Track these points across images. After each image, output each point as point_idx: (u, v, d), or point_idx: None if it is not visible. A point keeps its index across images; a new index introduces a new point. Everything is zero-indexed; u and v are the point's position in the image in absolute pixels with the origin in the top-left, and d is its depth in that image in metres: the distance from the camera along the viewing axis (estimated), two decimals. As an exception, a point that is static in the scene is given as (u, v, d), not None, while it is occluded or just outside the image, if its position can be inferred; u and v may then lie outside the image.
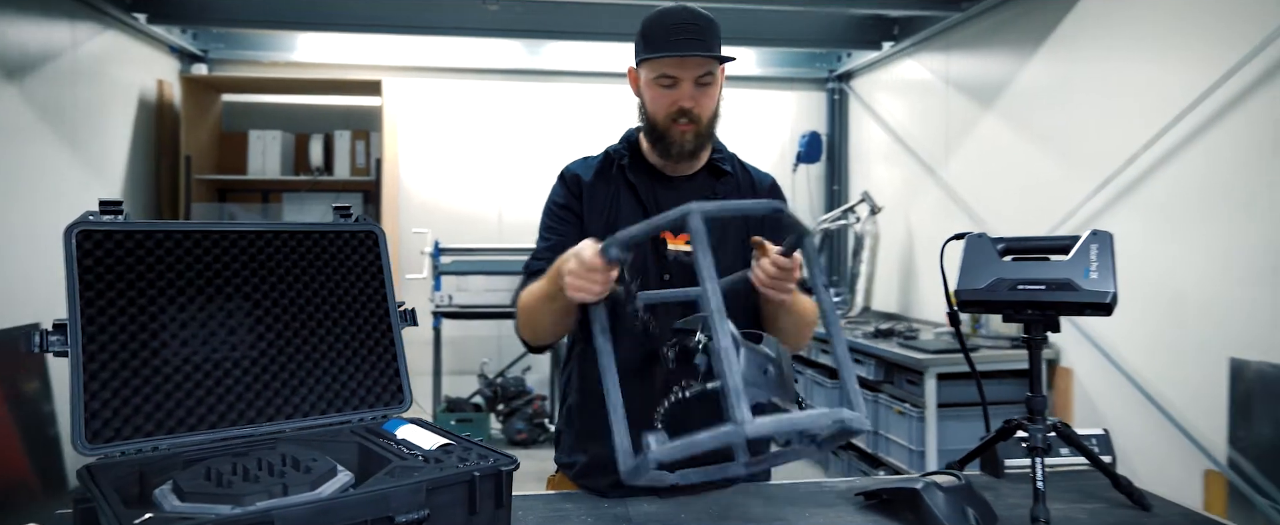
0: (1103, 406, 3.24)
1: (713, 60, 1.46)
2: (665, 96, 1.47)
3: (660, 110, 1.48)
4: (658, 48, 1.43)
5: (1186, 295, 2.82)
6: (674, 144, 1.49)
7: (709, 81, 1.46)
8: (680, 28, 1.43)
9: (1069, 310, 1.17)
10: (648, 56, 1.45)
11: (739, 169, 1.62)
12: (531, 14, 4.38)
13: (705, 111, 1.48)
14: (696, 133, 1.49)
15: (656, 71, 1.46)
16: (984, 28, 4.01)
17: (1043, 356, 1.23)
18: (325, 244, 1.38)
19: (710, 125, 1.51)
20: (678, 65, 1.44)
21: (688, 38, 1.41)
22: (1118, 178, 3.11)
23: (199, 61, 5.03)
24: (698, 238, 1.00)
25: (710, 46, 1.43)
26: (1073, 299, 1.15)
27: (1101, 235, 1.19)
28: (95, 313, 1.15)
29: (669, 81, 1.45)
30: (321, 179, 4.93)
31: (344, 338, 1.35)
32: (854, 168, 5.57)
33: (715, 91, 1.50)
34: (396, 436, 1.23)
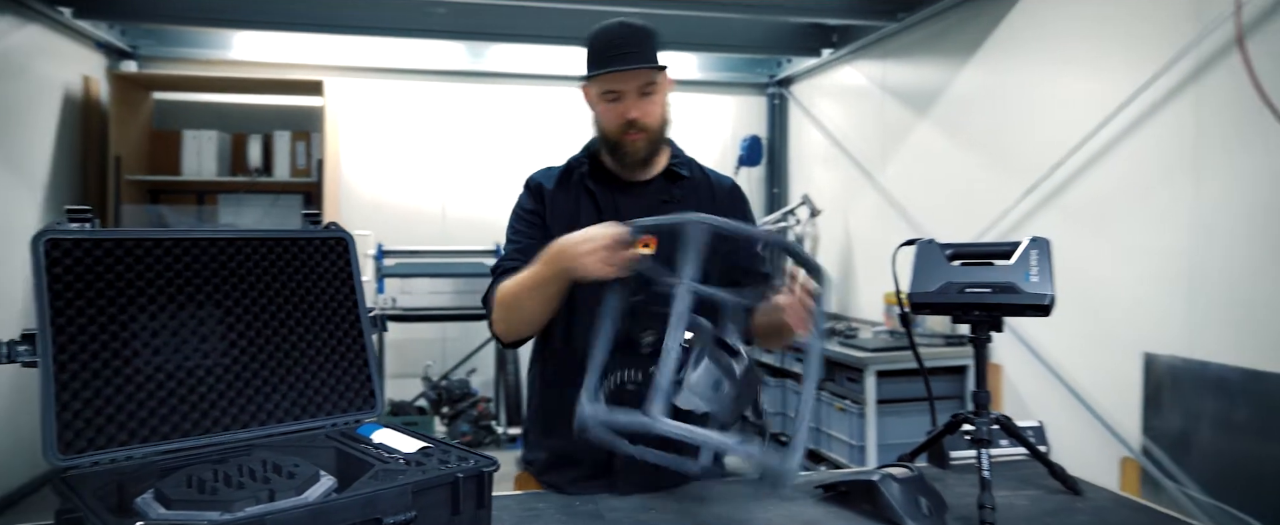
0: (1029, 399, 3.42)
1: (650, 70, 1.53)
2: (613, 110, 1.55)
3: (610, 123, 1.56)
4: (598, 65, 1.52)
5: (1105, 294, 3.01)
6: (627, 153, 1.57)
7: (651, 91, 1.55)
8: (617, 44, 1.52)
9: (1012, 311, 1.26)
10: (590, 75, 1.55)
11: (697, 172, 1.68)
12: (477, 17, 4.37)
13: (652, 119, 1.56)
14: (648, 140, 1.57)
15: (602, 87, 1.55)
16: (919, 37, 4.17)
17: (986, 355, 1.32)
18: (295, 251, 1.38)
19: (660, 131, 1.59)
20: (618, 79, 1.52)
21: (623, 53, 1.50)
22: (1044, 183, 3.29)
23: (128, 58, 4.85)
24: (692, 244, 1.07)
25: (646, 58, 1.52)
26: (1015, 301, 1.24)
27: (1040, 241, 1.28)
28: (65, 322, 1.13)
29: (614, 95, 1.54)
30: (260, 180, 4.82)
31: (315, 344, 1.36)
32: (794, 171, 5.71)
33: (660, 98, 1.58)
34: (373, 441, 1.25)
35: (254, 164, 4.80)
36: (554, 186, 1.63)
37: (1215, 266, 2.61)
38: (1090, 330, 3.08)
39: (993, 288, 1.26)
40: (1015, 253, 1.28)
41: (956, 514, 1.31)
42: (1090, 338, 3.08)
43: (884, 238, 4.50)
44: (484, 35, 4.61)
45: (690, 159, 1.70)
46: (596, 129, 1.61)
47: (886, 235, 4.46)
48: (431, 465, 1.14)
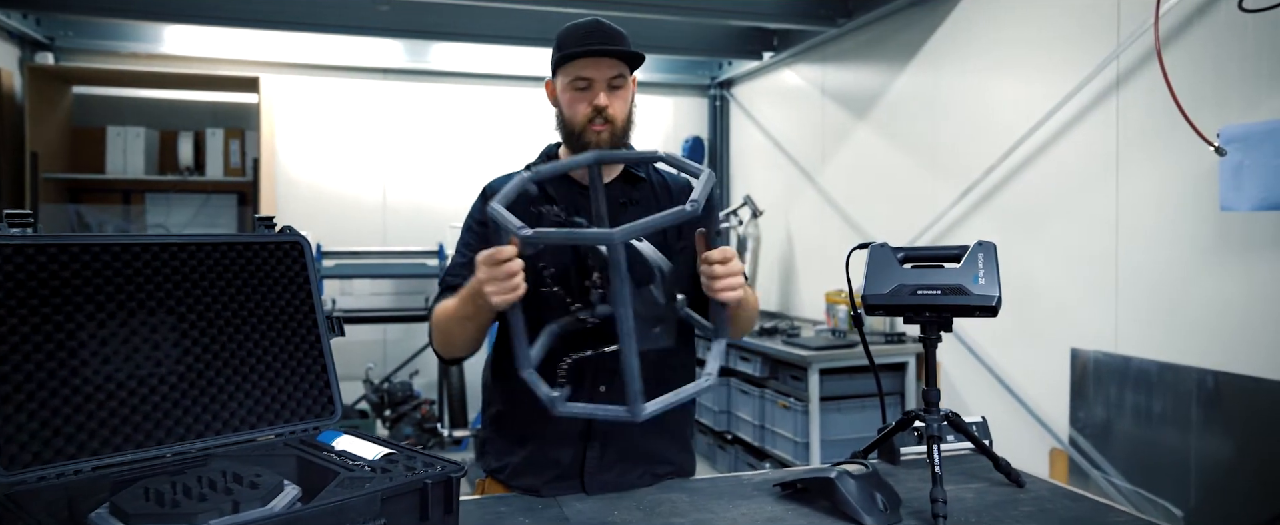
0: (966, 394, 3.55)
1: (623, 63, 1.55)
2: (581, 99, 1.55)
3: (577, 113, 1.56)
4: (571, 51, 1.53)
5: (1036, 293, 3.14)
6: (589, 144, 1.56)
7: (621, 84, 1.56)
8: (591, 34, 1.54)
9: (961, 312, 1.32)
10: (562, 57, 1.54)
11: (654, 172, 1.70)
12: (421, 15, 4.31)
13: (619, 114, 1.57)
14: (612, 133, 1.56)
15: (571, 75, 1.55)
16: (858, 42, 4.28)
17: (936, 354, 1.38)
18: (249, 255, 1.35)
19: (624, 129, 1.60)
20: (592, 66, 1.53)
21: (599, 40, 1.53)
22: (978, 186, 3.41)
23: (44, 49, 4.62)
24: (616, 268, 1.08)
25: (620, 49, 1.54)
26: (964, 302, 1.30)
27: (986, 245, 1.34)
28: (6, 332, 1.09)
29: (583, 83, 1.54)
30: (191, 179, 4.65)
31: (272, 350, 1.34)
32: (736, 172, 5.79)
33: (626, 96, 1.59)
34: (335, 448, 1.23)
35: (185, 162, 4.62)
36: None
37: (1137, 266, 2.75)
38: (1022, 327, 3.21)
39: (943, 290, 1.31)
40: (963, 256, 1.34)
41: (909, 508, 1.36)
42: (1022, 335, 3.22)
43: (824, 238, 4.60)
44: (427, 34, 4.54)
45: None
46: (559, 124, 1.61)
47: (827, 236, 4.57)
48: (397, 472, 1.13)
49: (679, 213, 1.11)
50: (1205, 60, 2.49)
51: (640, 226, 1.09)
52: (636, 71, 1.62)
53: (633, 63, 1.58)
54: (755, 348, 4.04)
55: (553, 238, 1.19)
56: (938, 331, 1.36)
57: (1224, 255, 2.47)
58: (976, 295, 1.29)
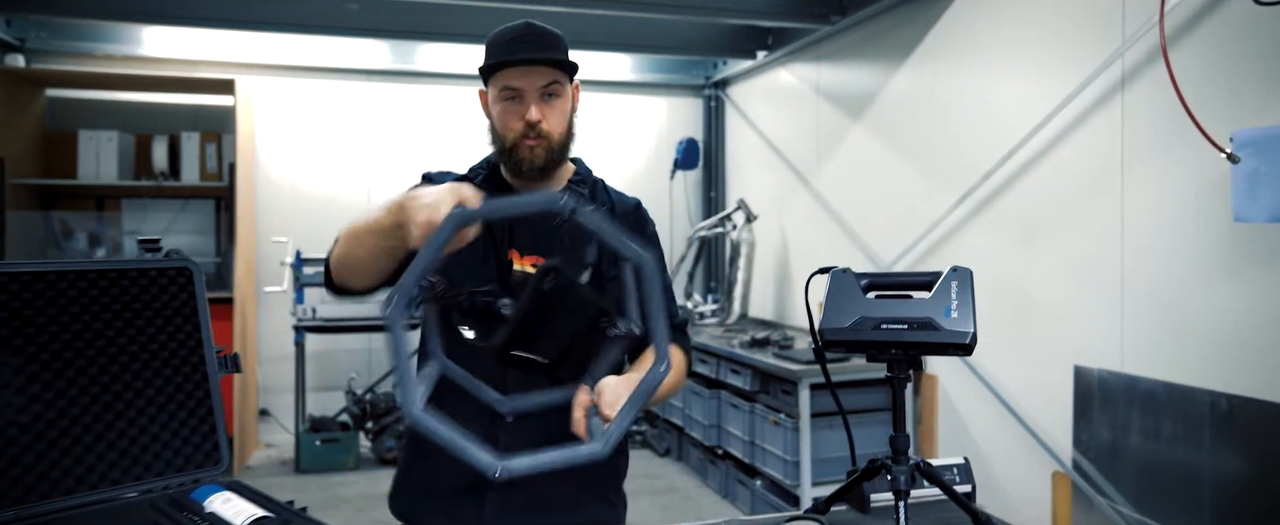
0: (963, 411, 3.37)
1: (557, 70, 1.38)
2: (511, 111, 1.39)
3: (507, 126, 1.40)
4: (499, 58, 1.37)
5: (1037, 305, 2.96)
6: (522, 161, 1.40)
7: (556, 93, 1.40)
8: (521, 39, 1.38)
9: (931, 350, 1.15)
10: (491, 67, 1.39)
11: (601, 192, 1.55)
12: (392, 14, 4.16)
13: (554, 127, 1.40)
14: (547, 149, 1.40)
15: (500, 84, 1.39)
16: (853, 40, 4.10)
17: (905, 397, 1.21)
18: (126, 285, 1.19)
19: (562, 142, 1.43)
20: (521, 76, 1.37)
21: (529, 46, 1.36)
22: (976, 191, 3.23)
23: (14, 51, 4.50)
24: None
25: (551, 54, 1.37)
26: (934, 339, 1.13)
27: (961, 272, 1.17)
28: None
29: (512, 94, 1.38)
30: (167, 184, 4.52)
31: (147, 393, 1.18)
32: (731, 174, 5.62)
33: (564, 106, 1.42)
34: (205, 509, 1.07)
35: (160, 167, 4.49)
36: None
37: (1144, 279, 2.56)
38: (1022, 342, 3.03)
39: (910, 323, 1.14)
40: (935, 284, 1.17)
41: (873, 570, 1.19)
42: (1022, 350, 3.04)
43: (819, 243, 4.43)
44: (400, 33, 4.40)
45: (596, 179, 1.56)
46: (492, 137, 1.45)
47: (822, 241, 4.39)
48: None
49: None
50: (1216, 59, 2.31)
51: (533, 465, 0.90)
52: (578, 77, 1.45)
53: (569, 69, 1.41)
54: (745, 360, 3.87)
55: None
56: (906, 370, 1.19)
57: (1237, 269, 2.28)
58: (948, 330, 1.12)
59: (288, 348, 4.65)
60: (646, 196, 5.35)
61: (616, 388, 1.13)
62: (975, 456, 3.24)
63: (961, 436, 3.36)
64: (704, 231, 5.12)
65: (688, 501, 4.19)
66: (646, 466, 4.72)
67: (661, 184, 5.52)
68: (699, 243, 5.23)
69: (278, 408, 4.99)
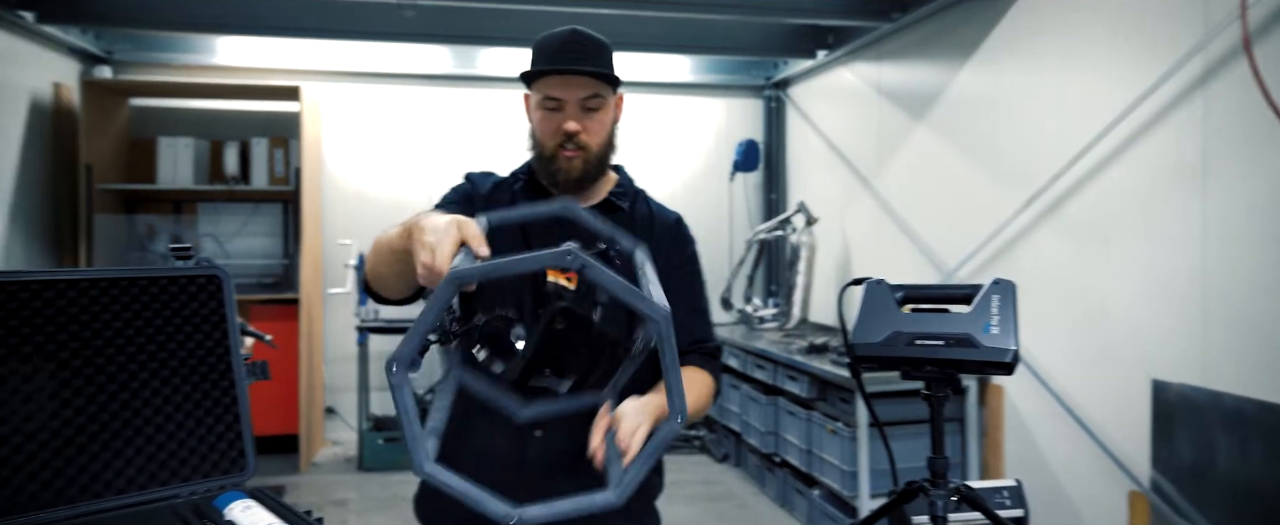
0: (1032, 424, 3.21)
1: (599, 81, 1.35)
2: (550, 120, 1.37)
3: (546, 135, 1.38)
4: (541, 66, 1.35)
5: (1110, 314, 2.79)
6: (559, 171, 1.38)
7: (597, 105, 1.37)
8: (565, 48, 1.35)
9: (968, 368, 1.08)
10: (530, 73, 1.37)
11: (641, 204, 1.50)
12: (448, 19, 4.22)
13: (593, 138, 1.38)
14: (585, 161, 1.38)
15: (542, 93, 1.37)
16: (915, 38, 3.97)
17: (944, 415, 1.14)
18: (156, 292, 1.21)
19: (601, 154, 1.41)
20: (562, 86, 1.35)
21: (572, 56, 1.33)
22: (1045, 193, 3.07)
23: (103, 64, 4.73)
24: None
25: (595, 66, 1.34)
26: (972, 357, 1.06)
27: (1003, 285, 1.09)
28: None
29: (553, 104, 1.36)
30: (238, 189, 4.68)
31: (175, 399, 1.19)
32: (792, 176, 5.51)
33: (605, 118, 1.39)
34: (223, 516, 1.08)
35: (231, 172, 4.66)
36: (489, 191, 1.47)
37: (1227, 287, 2.39)
38: (1094, 353, 2.86)
39: (947, 340, 1.07)
40: (975, 298, 1.09)
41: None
42: (1094, 361, 2.87)
43: (881, 247, 4.30)
44: (456, 38, 4.45)
45: (638, 191, 1.52)
46: (531, 141, 1.43)
47: (884, 245, 4.26)
48: (270, 556, 0.97)
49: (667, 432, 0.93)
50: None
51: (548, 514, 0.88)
52: (629, 83, 1.42)
53: (613, 82, 1.38)
54: (803, 366, 3.78)
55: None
56: (943, 389, 1.12)
57: (1334, 279, 2.10)
58: (987, 348, 1.05)
59: (352, 348, 4.76)
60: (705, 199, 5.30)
61: (636, 415, 1.11)
62: (1044, 474, 3.08)
63: (1029, 451, 3.21)
64: (764, 234, 5.04)
65: (744, 509, 4.12)
66: (704, 472, 4.67)
67: (720, 186, 5.45)
68: (758, 245, 5.15)
69: (343, 406, 5.12)
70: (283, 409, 4.53)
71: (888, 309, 1.14)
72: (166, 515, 1.09)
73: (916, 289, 1.14)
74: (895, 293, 1.15)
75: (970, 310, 1.09)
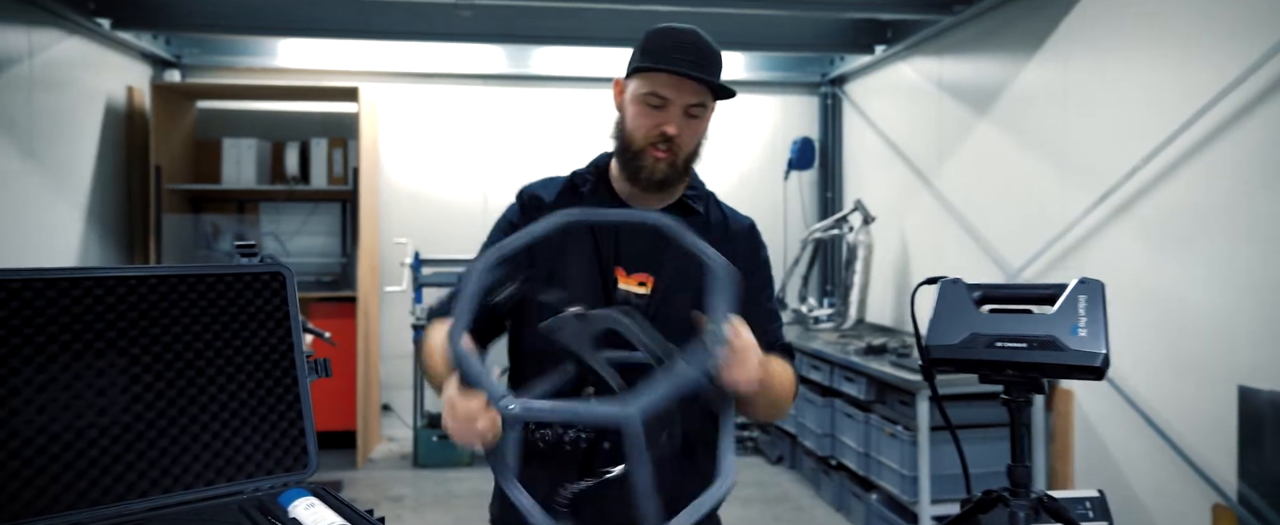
0: (1104, 432, 3.08)
1: (709, 92, 1.32)
2: (650, 117, 1.32)
3: (640, 130, 1.33)
4: (657, 62, 1.29)
5: (1192, 318, 2.66)
6: (644, 169, 1.34)
7: (699, 113, 1.33)
8: (685, 49, 1.30)
9: (1054, 372, 1.02)
10: (644, 67, 1.31)
11: (714, 208, 1.46)
12: (504, 19, 4.23)
13: (687, 144, 1.34)
14: (671, 163, 1.34)
15: (647, 87, 1.31)
16: (978, 31, 3.85)
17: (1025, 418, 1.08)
18: (222, 288, 1.23)
19: (688, 160, 1.37)
20: (673, 86, 1.30)
21: (691, 60, 1.28)
22: (1118, 191, 2.95)
23: (172, 67, 4.88)
24: (633, 443, 0.84)
25: (713, 75, 1.30)
26: (1058, 361, 1.00)
27: (1091, 284, 1.03)
28: (-70, 379, 1.00)
29: (658, 102, 1.31)
30: (298, 189, 4.78)
31: (240, 395, 1.20)
32: (848, 174, 5.41)
33: (702, 127, 1.36)
34: (287, 514, 1.08)
35: (292, 172, 4.76)
36: (553, 203, 1.42)
37: (1322, 290, 2.25)
38: (1175, 358, 2.73)
39: (1030, 342, 1.01)
40: (1059, 298, 1.03)
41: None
42: (1175, 367, 2.74)
43: (941, 247, 4.18)
44: (511, 37, 4.47)
45: (709, 193, 1.48)
46: (617, 134, 1.38)
47: (944, 244, 4.15)
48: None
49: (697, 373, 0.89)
50: None
51: (661, 397, 0.85)
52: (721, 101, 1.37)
53: (720, 94, 1.34)
54: (860, 368, 3.70)
55: (545, 415, 0.89)
56: (1026, 393, 1.06)
57: None
58: (1074, 351, 0.99)
59: (407, 346, 4.82)
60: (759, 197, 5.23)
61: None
62: (1118, 483, 2.96)
63: (1102, 460, 3.08)
64: (819, 233, 4.95)
65: (800, 512, 4.05)
66: (758, 474, 4.61)
67: (775, 185, 5.38)
68: (814, 245, 5.06)
69: (399, 403, 5.19)
70: (340, 405, 4.61)
71: (965, 309, 1.08)
72: (233, 511, 1.10)
73: (996, 288, 1.09)
74: (973, 292, 1.09)
75: (1055, 311, 1.03)
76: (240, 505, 1.12)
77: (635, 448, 0.85)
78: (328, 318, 4.59)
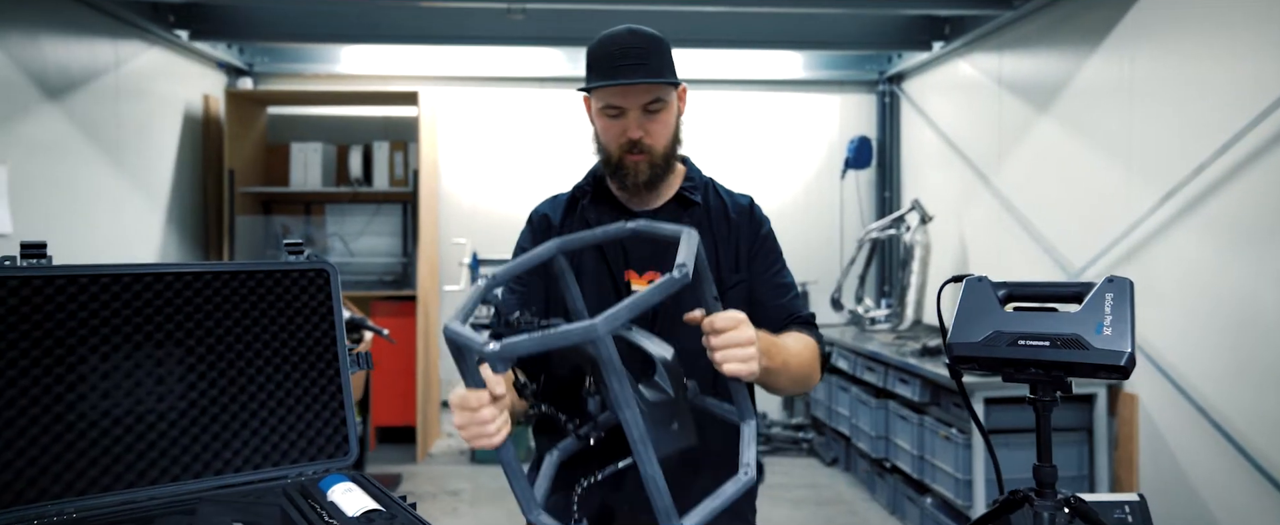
0: (1171, 438, 2.97)
1: (657, 86, 1.34)
2: (613, 127, 1.38)
3: (611, 141, 1.39)
4: (596, 77, 1.34)
5: (1264, 321, 2.55)
6: (627, 174, 1.39)
7: (658, 108, 1.36)
8: (619, 54, 1.33)
9: (1077, 371, 1.00)
10: (587, 87, 1.37)
11: (712, 195, 1.49)
12: (559, 21, 4.30)
13: (658, 140, 1.38)
14: (650, 163, 1.38)
15: (602, 101, 1.37)
16: (1039, 26, 3.74)
17: (1051, 422, 1.06)
18: (271, 284, 1.30)
19: (666, 154, 1.40)
20: (620, 94, 1.35)
21: (631, 64, 1.31)
22: (1185, 188, 2.84)
23: (245, 75, 5.11)
24: (608, 366, 0.88)
25: (655, 71, 1.33)
26: (1082, 359, 0.98)
27: (1119, 282, 1.01)
28: (5, 365, 1.09)
29: (615, 112, 1.36)
30: (361, 191, 4.95)
31: (285, 385, 1.27)
32: (906, 173, 5.32)
33: (668, 118, 1.39)
34: (326, 497, 1.14)
35: (355, 174, 4.92)
36: (561, 219, 1.48)
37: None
38: (1245, 362, 2.62)
39: (1053, 341, 1.00)
40: (1086, 296, 1.02)
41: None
42: (1248, 372, 2.62)
43: (1001, 246, 4.08)
44: (564, 40, 4.54)
45: (707, 180, 1.51)
46: (596, 146, 1.44)
47: (1005, 243, 4.05)
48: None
49: (667, 283, 0.92)
50: None
51: (624, 309, 0.89)
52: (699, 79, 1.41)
53: (674, 82, 1.37)
54: (915, 369, 3.64)
55: (523, 347, 0.91)
56: (1051, 393, 1.05)
57: None
58: (1099, 350, 0.97)
59: (465, 343, 4.93)
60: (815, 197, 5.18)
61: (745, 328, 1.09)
62: (1186, 492, 2.85)
63: (1169, 468, 2.96)
64: (876, 233, 4.88)
65: (853, 515, 4.01)
66: (812, 475, 4.57)
67: (831, 184, 5.33)
68: (870, 245, 4.99)
69: (457, 399, 5.31)
70: (401, 401, 4.75)
71: (988, 307, 1.07)
72: (277, 494, 1.16)
73: (1021, 287, 1.08)
74: (997, 290, 1.08)
75: (1080, 309, 1.01)
76: (284, 489, 1.18)
77: (610, 366, 0.88)
78: (389, 316, 4.73)
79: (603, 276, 1.39)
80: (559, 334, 0.89)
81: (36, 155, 3.36)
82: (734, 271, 1.41)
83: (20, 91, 3.29)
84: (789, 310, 1.43)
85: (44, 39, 3.42)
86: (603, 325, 0.87)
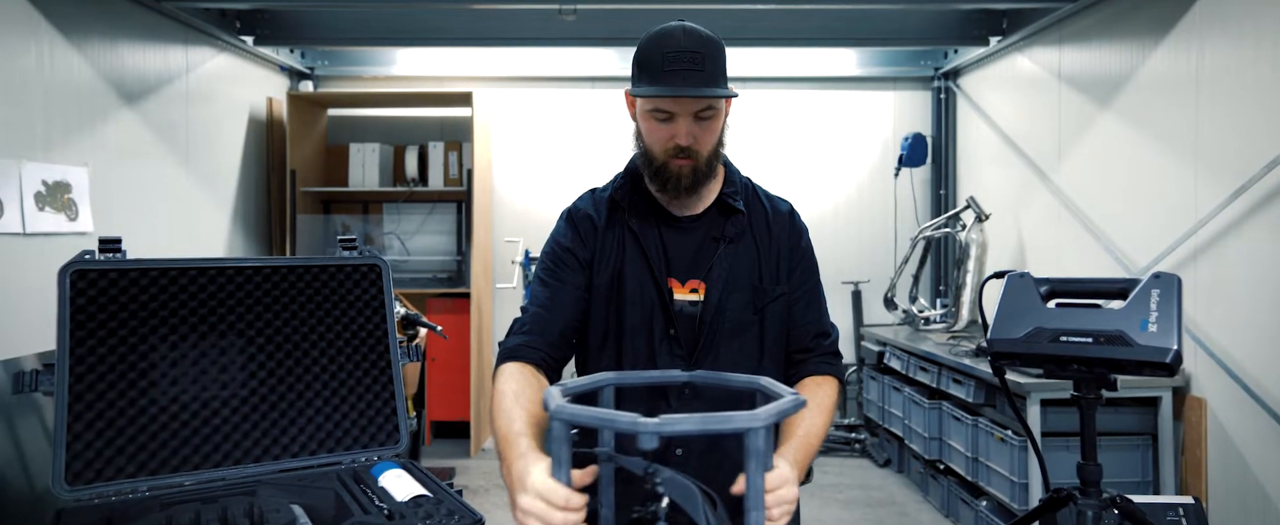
0: (1241, 444, 2.86)
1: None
2: (660, 131, 1.34)
3: (657, 144, 1.36)
4: (651, 80, 1.29)
5: (1338, 321, 2.44)
6: (671, 178, 1.36)
7: (710, 116, 1.32)
8: (677, 57, 1.27)
9: (1121, 368, 0.98)
10: (638, 91, 1.32)
11: (754, 199, 1.47)
12: (610, 21, 4.34)
13: (704, 146, 1.35)
14: (694, 168, 1.35)
15: (651, 104, 1.33)
16: (1100, 18, 3.64)
17: (1095, 420, 1.05)
18: (326, 278, 1.35)
19: (711, 160, 1.37)
20: (672, 100, 1.30)
21: (685, 68, 1.26)
22: (1256, 185, 2.73)
23: (306, 78, 5.27)
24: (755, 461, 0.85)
25: (711, 79, 1.28)
26: (1125, 356, 0.97)
27: (1166, 279, 0.99)
28: (85, 352, 1.16)
29: (664, 116, 1.32)
30: (417, 190, 5.06)
31: (340, 375, 1.33)
32: (962, 170, 5.21)
33: (717, 125, 1.36)
34: (377, 483, 1.19)
35: (411, 174, 5.04)
36: (605, 219, 1.45)
37: None
38: (1315, 364, 2.51)
39: (1096, 337, 0.99)
40: (1131, 292, 1.00)
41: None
42: (1315, 374, 2.52)
43: (1060, 244, 3.98)
44: (615, 40, 4.56)
45: (746, 182, 1.49)
46: (637, 145, 1.42)
47: (1063, 242, 3.94)
48: (412, 519, 1.05)
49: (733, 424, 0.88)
50: None
51: (680, 429, 0.85)
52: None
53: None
54: (969, 370, 3.57)
55: (681, 426, 0.85)
56: (1095, 390, 1.03)
57: None
58: (1143, 346, 0.96)
59: (518, 340, 5.00)
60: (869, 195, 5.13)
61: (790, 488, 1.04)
62: (1258, 499, 2.74)
63: (1240, 475, 2.85)
64: (930, 231, 4.80)
65: (905, 517, 3.95)
66: (864, 476, 4.52)
67: (885, 182, 5.26)
68: (925, 243, 4.91)
69: (510, 395, 5.39)
70: (455, 397, 4.84)
71: (1030, 303, 1.06)
72: (331, 479, 1.22)
73: (1064, 283, 1.06)
74: (1040, 286, 1.07)
75: (1125, 306, 1.00)
76: (338, 474, 1.23)
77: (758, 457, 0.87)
78: (444, 313, 4.84)
79: (646, 284, 1.38)
80: (720, 418, 0.86)
81: (115, 157, 3.53)
82: (775, 282, 1.39)
83: (101, 97, 3.46)
84: (817, 329, 1.40)
85: (123, 47, 3.59)
86: (654, 425, 0.85)
